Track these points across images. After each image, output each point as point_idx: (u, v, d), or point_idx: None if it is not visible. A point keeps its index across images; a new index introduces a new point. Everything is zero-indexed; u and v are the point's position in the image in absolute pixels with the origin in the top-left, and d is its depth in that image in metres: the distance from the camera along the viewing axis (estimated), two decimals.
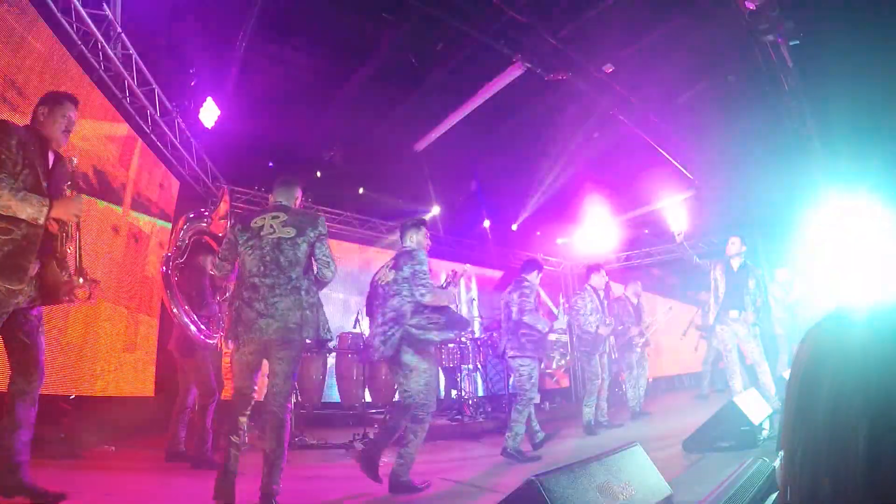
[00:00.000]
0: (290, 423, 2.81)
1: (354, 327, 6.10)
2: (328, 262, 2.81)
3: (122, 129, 5.05)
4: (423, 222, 3.59)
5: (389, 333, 3.22)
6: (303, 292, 2.70)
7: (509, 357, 4.44)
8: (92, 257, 4.53)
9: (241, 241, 2.78)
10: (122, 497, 2.84)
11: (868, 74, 5.32)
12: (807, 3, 4.88)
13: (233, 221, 3.01)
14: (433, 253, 9.17)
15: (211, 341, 3.85)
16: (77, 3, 4.08)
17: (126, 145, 5.12)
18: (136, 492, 2.99)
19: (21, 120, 2.51)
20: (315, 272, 2.84)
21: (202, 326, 3.83)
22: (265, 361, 2.73)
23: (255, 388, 2.76)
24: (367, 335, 3.89)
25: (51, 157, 2.38)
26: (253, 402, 2.74)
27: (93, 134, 4.51)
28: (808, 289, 7.14)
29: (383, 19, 5.49)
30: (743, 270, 5.03)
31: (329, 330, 2.81)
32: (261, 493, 2.53)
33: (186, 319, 3.75)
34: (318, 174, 7.56)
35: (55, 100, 2.41)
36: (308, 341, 2.78)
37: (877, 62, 5.19)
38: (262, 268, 2.69)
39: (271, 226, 2.76)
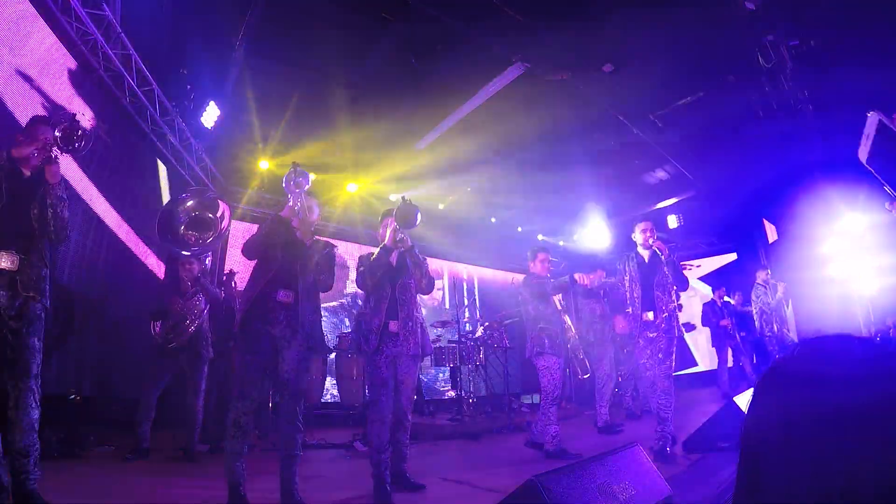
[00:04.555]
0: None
1: None
2: None
3: None
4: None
5: None
6: None
7: (531, 357, 4.15)
8: (93, 256, 4.55)
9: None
10: (122, 497, 2.83)
11: (868, 74, 5.32)
12: (807, 3, 4.88)
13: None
14: (435, 253, 9.20)
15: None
16: (77, 3, 4.08)
17: None
18: (137, 492, 2.99)
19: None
20: None
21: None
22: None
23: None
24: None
25: (25, 170, 2.41)
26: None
27: None
28: (791, 290, 7.12)
29: (383, 19, 5.49)
30: (655, 262, 3.92)
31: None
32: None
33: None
34: (313, 176, 7.56)
35: (28, 125, 2.47)
36: None
37: (877, 62, 5.19)
38: None
39: None
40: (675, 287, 3.86)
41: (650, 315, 3.82)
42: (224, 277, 5.36)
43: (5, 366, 2.26)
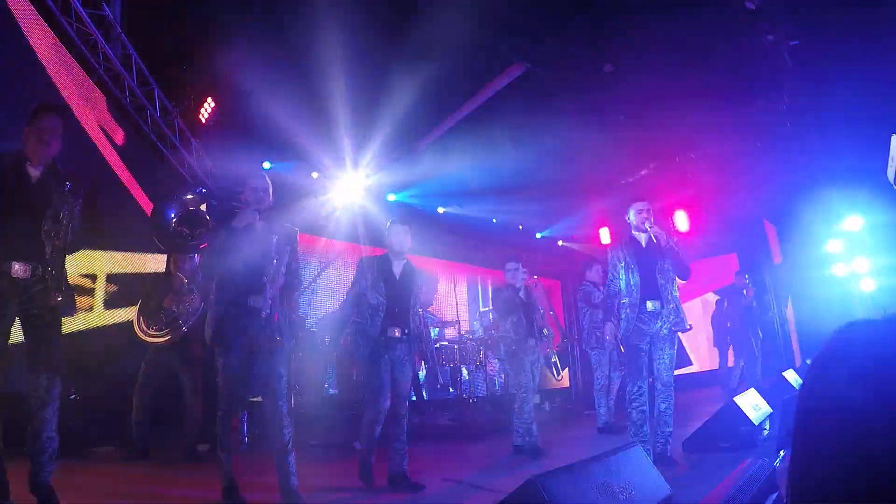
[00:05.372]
0: None
1: None
2: None
3: None
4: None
5: None
6: None
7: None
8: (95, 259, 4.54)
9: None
10: (123, 497, 2.84)
11: (868, 74, 5.32)
12: (807, 3, 4.88)
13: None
14: (437, 253, 9.18)
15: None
16: (77, 3, 4.08)
17: None
18: (137, 492, 2.99)
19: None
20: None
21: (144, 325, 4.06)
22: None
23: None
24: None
25: (33, 170, 2.39)
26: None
27: None
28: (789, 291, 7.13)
29: (384, 19, 5.49)
30: (654, 247, 3.52)
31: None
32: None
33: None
34: (315, 175, 7.56)
35: (31, 115, 2.44)
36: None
37: (876, 62, 5.19)
38: None
39: None
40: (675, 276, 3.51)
41: (654, 304, 3.38)
42: None
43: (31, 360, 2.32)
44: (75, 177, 2.48)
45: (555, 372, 5.45)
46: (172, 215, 2.76)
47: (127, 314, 5.06)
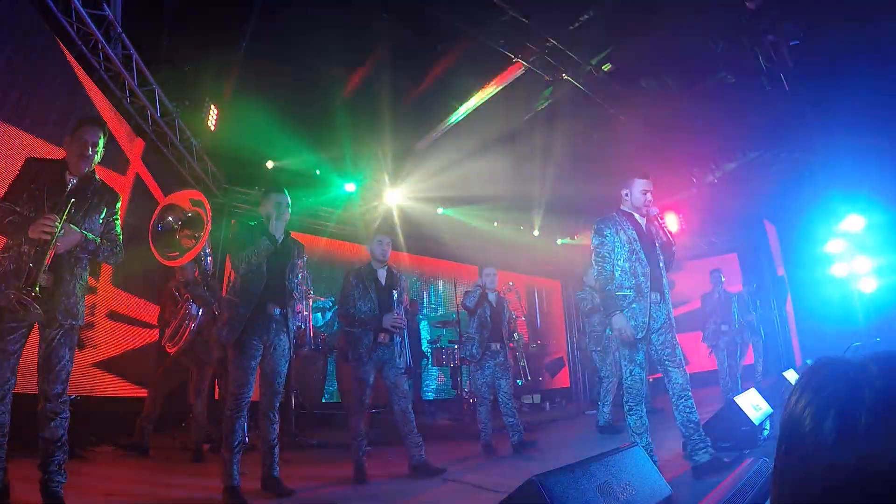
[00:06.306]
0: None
1: None
2: None
3: None
4: None
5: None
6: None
7: None
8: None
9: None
10: (123, 497, 2.84)
11: (868, 74, 5.32)
12: (807, 3, 4.88)
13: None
14: (436, 254, 9.14)
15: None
16: (77, 3, 4.07)
17: None
18: (137, 492, 2.99)
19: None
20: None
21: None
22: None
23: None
24: None
25: (72, 178, 2.42)
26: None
27: None
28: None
29: (384, 19, 5.49)
30: (652, 229, 3.16)
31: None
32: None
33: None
34: (318, 172, 7.57)
35: (74, 127, 2.49)
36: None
37: (876, 61, 5.19)
38: None
39: None
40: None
41: (656, 297, 2.97)
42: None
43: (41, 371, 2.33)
44: (111, 189, 2.55)
45: (523, 376, 5.52)
46: (173, 228, 2.77)
47: (125, 315, 5.08)
